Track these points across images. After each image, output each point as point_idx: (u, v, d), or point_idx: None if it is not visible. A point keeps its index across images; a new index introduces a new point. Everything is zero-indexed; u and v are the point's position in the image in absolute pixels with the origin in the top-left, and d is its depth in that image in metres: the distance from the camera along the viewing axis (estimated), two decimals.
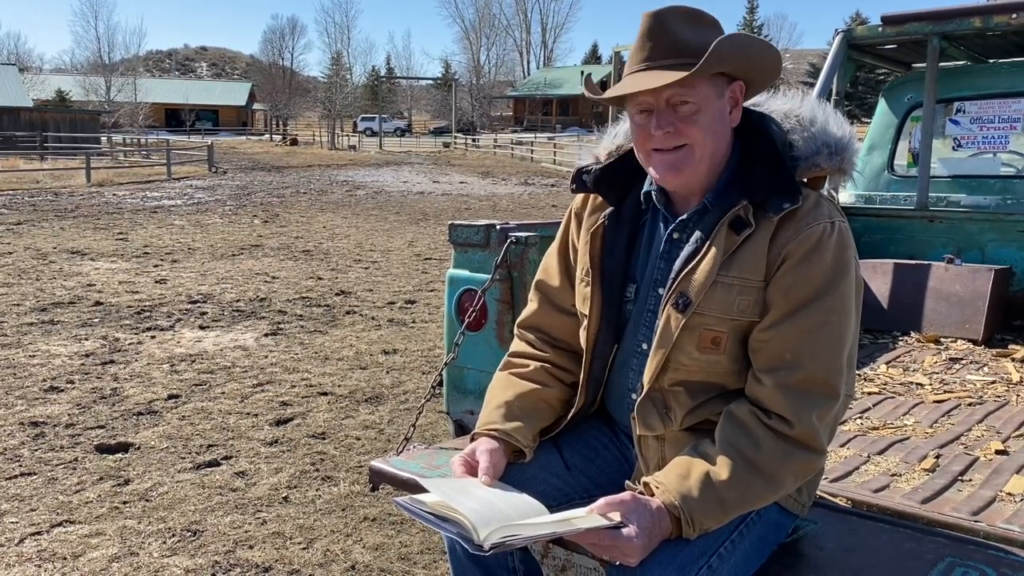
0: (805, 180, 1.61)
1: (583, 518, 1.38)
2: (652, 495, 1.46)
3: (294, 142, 54.20)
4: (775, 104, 1.67)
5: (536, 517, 1.44)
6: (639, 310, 1.68)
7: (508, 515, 1.41)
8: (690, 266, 1.56)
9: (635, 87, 1.52)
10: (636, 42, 1.56)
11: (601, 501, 1.41)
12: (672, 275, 1.59)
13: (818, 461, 1.56)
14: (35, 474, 4.07)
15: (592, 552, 1.46)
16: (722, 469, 1.46)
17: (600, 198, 1.74)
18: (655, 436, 1.62)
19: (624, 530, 1.38)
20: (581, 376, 1.74)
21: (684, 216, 1.63)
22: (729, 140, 1.60)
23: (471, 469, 1.61)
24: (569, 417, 1.76)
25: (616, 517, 1.39)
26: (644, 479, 1.50)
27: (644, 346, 1.66)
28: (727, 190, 1.58)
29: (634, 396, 1.67)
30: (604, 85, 1.77)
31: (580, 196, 1.79)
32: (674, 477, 1.47)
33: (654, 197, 1.67)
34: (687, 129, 1.53)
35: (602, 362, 1.72)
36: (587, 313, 1.70)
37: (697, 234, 1.58)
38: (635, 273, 1.69)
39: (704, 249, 1.55)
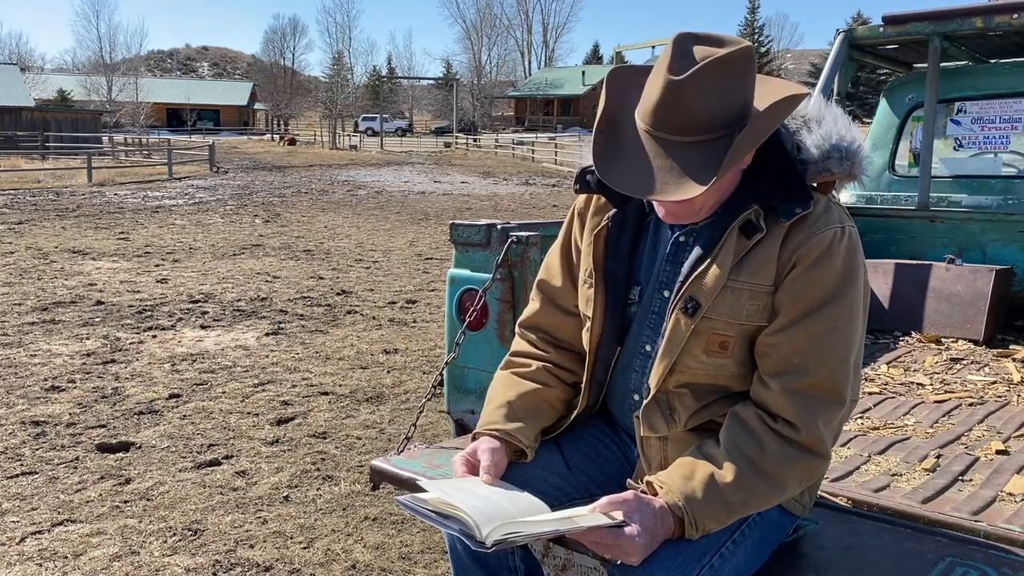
0: (815, 184, 1.59)
1: (585, 516, 1.38)
2: (655, 494, 1.45)
3: (292, 142, 53.82)
4: None
5: (538, 515, 1.44)
6: (643, 312, 1.67)
7: (510, 513, 1.42)
8: (699, 270, 1.54)
9: (634, 190, 1.46)
10: (650, 95, 1.45)
11: (604, 500, 1.41)
12: (681, 279, 1.58)
13: (822, 466, 1.55)
14: (36, 473, 4.08)
15: (594, 551, 1.46)
16: (727, 471, 1.45)
17: (603, 199, 1.71)
18: (658, 437, 1.62)
19: (626, 529, 1.38)
20: (584, 378, 1.73)
21: None
22: (739, 172, 1.55)
23: (472, 468, 1.61)
24: (571, 419, 1.76)
25: (618, 516, 1.39)
26: (647, 478, 1.49)
27: (647, 348, 1.65)
28: (737, 195, 1.55)
29: (636, 397, 1.67)
30: None
31: (583, 196, 1.76)
32: (678, 477, 1.46)
33: None
34: None
35: (605, 364, 1.71)
36: (590, 315, 1.69)
37: (707, 238, 1.56)
38: (639, 275, 1.68)
39: (714, 253, 1.53)
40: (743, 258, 1.52)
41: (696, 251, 1.57)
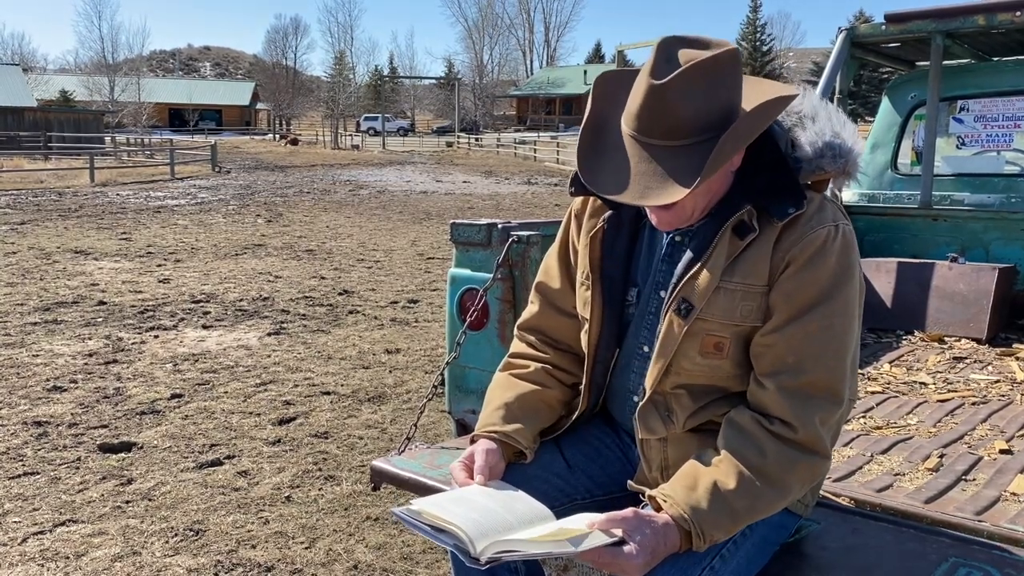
0: (809, 183, 1.58)
1: (584, 535, 1.36)
2: (659, 509, 1.44)
3: (294, 142, 53.49)
4: None
5: (540, 525, 1.42)
6: (640, 313, 1.66)
7: (509, 524, 1.40)
8: (692, 271, 1.53)
9: (617, 194, 1.44)
10: (634, 99, 1.44)
11: (603, 517, 1.38)
12: (674, 280, 1.57)
13: (823, 466, 1.54)
14: (38, 473, 4.08)
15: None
16: (729, 478, 1.43)
17: (599, 200, 1.70)
18: (657, 438, 1.61)
19: (625, 548, 1.35)
20: (583, 380, 1.72)
21: None
22: (730, 175, 1.55)
23: (472, 472, 1.60)
24: (572, 421, 1.75)
25: (618, 533, 1.37)
26: (650, 493, 1.47)
27: (645, 348, 1.65)
28: (730, 195, 1.54)
29: (635, 398, 1.66)
30: None
31: (579, 198, 1.76)
32: (681, 489, 1.44)
33: None
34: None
35: (604, 366, 1.71)
36: (588, 317, 1.68)
37: (701, 238, 1.56)
38: (636, 276, 1.67)
39: (707, 254, 1.52)
40: (736, 259, 1.51)
41: (689, 252, 1.57)
